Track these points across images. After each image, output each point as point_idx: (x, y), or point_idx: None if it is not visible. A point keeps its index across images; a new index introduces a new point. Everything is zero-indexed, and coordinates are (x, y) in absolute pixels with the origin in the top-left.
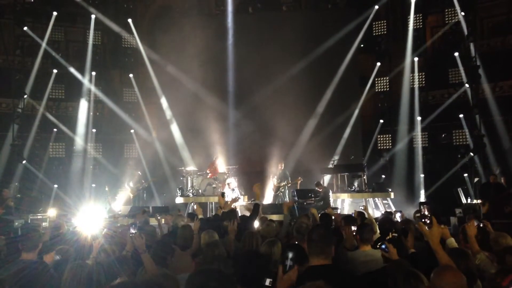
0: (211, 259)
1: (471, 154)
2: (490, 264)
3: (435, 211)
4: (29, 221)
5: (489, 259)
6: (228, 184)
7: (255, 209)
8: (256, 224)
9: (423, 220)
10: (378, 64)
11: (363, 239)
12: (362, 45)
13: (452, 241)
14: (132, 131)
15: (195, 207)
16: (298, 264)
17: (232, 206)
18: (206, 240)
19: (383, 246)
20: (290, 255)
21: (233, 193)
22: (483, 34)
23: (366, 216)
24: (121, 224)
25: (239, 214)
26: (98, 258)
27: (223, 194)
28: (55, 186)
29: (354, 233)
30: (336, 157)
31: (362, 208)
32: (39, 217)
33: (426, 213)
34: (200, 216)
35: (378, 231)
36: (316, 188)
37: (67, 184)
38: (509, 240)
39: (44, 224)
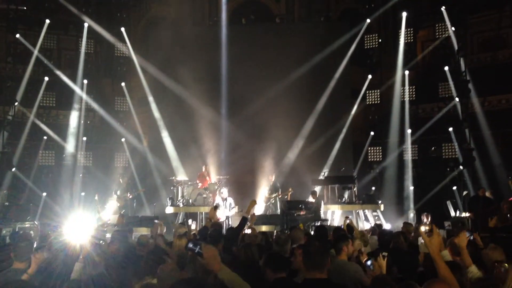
0: (196, 269)
1: (461, 167)
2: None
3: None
4: (16, 229)
5: (480, 272)
6: (221, 193)
7: (242, 222)
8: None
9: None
10: (370, 76)
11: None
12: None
13: (446, 253)
14: (123, 140)
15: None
16: (274, 270)
17: (224, 217)
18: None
19: (368, 263)
20: (190, 245)
21: (225, 203)
22: (473, 49)
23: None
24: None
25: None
26: (86, 271)
27: (215, 207)
28: (44, 194)
29: None
30: (327, 169)
31: (348, 220)
32: (27, 225)
33: (425, 221)
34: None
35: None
36: (310, 197)
37: (56, 192)
38: (502, 254)
39: (32, 233)
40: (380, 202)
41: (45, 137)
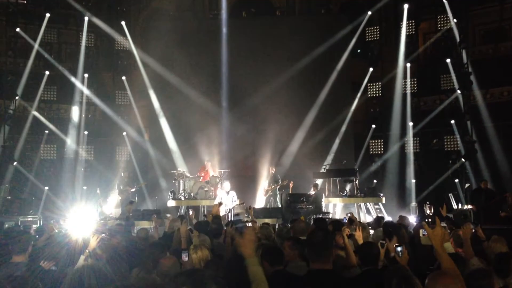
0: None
1: (462, 160)
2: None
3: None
4: (19, 223)
5: (483, 264)
6: (223, 187)
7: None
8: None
9: (426, 220)
10: (371, 69)
11: None
12: (359, 51)
13: (448, 245)
14: (124, 133)
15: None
16: (271, 263)
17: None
18: (196, 243)
19: (399, 249)
20: (239, 225)
21: (228, 196)
22: (475, 41)
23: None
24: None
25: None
26: (87, 262)
27: (220, 205)
28: (46, 188)
29: None
30: (328, 162)
31: (350, 215)
32: (29, 219)
33: (428, 212)
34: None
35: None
36: (312, 189)
37: (58, 186)
38: (504, 246)
39: (34, 226)
40: (381, 195)
41: (46, 131)
